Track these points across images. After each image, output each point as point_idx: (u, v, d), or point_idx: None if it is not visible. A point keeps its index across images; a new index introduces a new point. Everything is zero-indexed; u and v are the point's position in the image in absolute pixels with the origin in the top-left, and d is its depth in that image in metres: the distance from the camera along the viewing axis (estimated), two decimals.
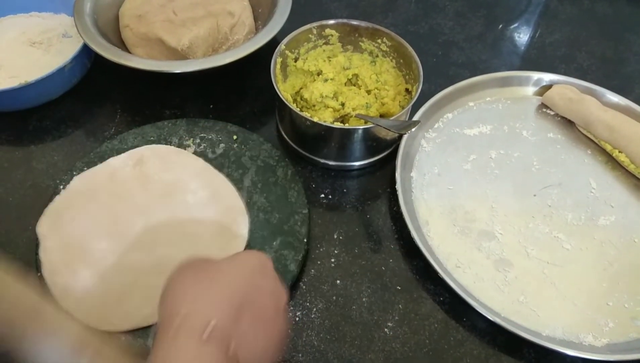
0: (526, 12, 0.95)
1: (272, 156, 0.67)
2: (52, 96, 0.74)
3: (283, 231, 0.60)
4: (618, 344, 0.55)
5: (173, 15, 0.76)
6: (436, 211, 0.65)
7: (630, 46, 0.89)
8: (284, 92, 0.69)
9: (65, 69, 0.71)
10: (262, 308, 0.41)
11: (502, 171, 0.69)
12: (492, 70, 0.79)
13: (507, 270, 0.60)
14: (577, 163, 0.70)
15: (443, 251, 0.61)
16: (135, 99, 0.77)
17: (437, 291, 0.59)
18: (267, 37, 0.72)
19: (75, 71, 0.75)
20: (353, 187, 0.68)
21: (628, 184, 0.69)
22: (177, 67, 0.70)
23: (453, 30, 0.90)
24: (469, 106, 0.76)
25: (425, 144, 0.71)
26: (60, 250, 0.58)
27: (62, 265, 0.57)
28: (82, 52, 0.73)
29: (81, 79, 0.77)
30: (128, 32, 0.77)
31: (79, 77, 0.76)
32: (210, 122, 0.70)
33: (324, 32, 0.73)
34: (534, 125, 0.74)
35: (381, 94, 0.71)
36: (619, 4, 0.96)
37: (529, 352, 0.55)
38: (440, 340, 0.56)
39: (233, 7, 0.78)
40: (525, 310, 0.57)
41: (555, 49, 0.88)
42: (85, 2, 0.76)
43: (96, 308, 0.54)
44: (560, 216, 0.65)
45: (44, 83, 0.69)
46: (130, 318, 0.54)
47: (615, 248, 0.63)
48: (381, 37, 0.72)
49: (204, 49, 0.76)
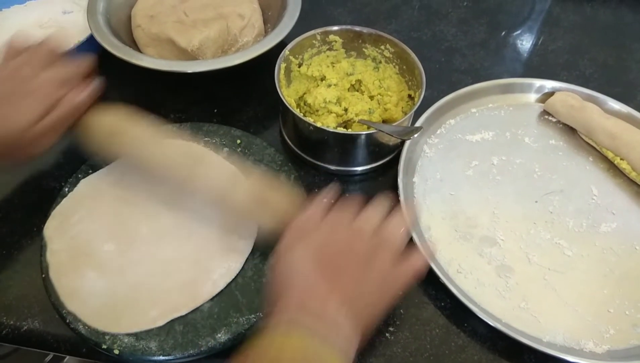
0: (529, 20, 0.96)
1: (275, 160, 0.68)
2: None
3: None
4: (619, 351, 0.55)
5: (184, 17, 0.77)
6: (438, 217, 0.65)
7: (633, 54, 0.89)
8: (288, 97, 0.69)
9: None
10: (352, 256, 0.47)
11: (504, 177, 0.69)
12: (494, 77, 0.79)
13: (508, 275, 0.60)
14: (578, 170, 0.71)
15: (444, 256, 0.61)
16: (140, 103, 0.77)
17: (438, 296, 0.59)
18: (276, 39, 0.73)
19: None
20: (355, 192, 0.69)
21: (629, 191, 0.69)
22: (188, 67, 0.70)
23: (456, 37, 0.90)
24: (472, 113, 0.76)
25: (428, 149, 0.72)
26: (67, 252, 0.58)
27: (69, 267, 0.57)
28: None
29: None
30: (140, 32, 0.78)
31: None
32: (214, 126, 0.71)
33: (327, 38, 0.74)
34: (536, 132, 0.75)
35: (384, 99, 0.71)
36: (621, 12, 0.97)
37: (530, 358, 0.55)
38: (441, 345, 0.56)
39: (243, 10, 0.79)
40: (526, 316, 0.57)
41: (558, 56, 0.88)
42: (98, 2, 0.77)
43: (103, 310, 0.54)
44: (561, 222, 0.65)
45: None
46: (137, 320, 0.54)
47: (616, 255, 0.63)
48: (384, 43, 0.73)
49: (214, 50, 0.77)
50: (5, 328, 0.56)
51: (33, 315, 0.56)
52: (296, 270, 0.46)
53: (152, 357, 0.52)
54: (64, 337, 0.55)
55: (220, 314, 0.54)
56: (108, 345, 0.52)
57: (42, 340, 0.56)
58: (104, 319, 0.53)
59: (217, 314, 0.54)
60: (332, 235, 0.48)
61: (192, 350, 0.52)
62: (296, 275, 0.46)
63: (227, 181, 0.59)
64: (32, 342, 0.56)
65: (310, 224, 0.50)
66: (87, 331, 0.53)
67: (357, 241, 0.48)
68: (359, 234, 0.49)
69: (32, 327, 0.56)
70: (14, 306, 0.57)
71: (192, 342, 0.52)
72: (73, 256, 0.58)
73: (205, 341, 0.53)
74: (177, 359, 0.52)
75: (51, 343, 0.56)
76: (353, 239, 0.48)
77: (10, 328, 0.56)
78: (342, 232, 0.49)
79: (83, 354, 0.55)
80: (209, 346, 0.52)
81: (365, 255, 0.47)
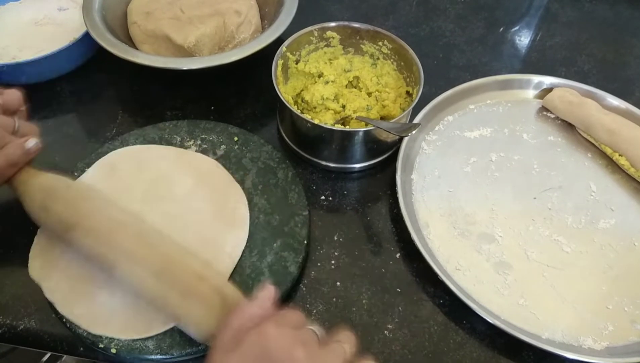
0: (527, 15, 0.95)
1: (272, 157, 0.67)
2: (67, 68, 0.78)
3: (283, 233, 0.61)
4: (617, 347, 0.55)
5: (180, 13, 0.77)
6: (436, 214, 0.65)
7: (631, 49, 0.89)
8: (285, 94, 0.69)
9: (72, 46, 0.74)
10: None
11: (503, 173, 0.69)
12: (492, 73, 0.79)
13: (506, 272, 0.60)
14: (577, 166, 0.71)
15: (443, 253, 0.61)
16: (137, 100, 0.77)
17: (437, 293, 0.59)
18: (273, 36, 0.73)
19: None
20: (353, 189, 0.68)
21: (628, 187, 0.69)
22: (184, 64, 0.70)
23: (454, 33, 0.90)
24: (470, 109, 0.76)
25: (426, 146, 0.71)
26: (65, 283, 0.55)
27: (76, 295, 0.54)
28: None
29: (84, 65, 0.79)
30: (136, 29, 0.77)
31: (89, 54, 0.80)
32: (211, 123, 0.70)
33: (325, 34, 0.73)
34: (535, 128, 0.75)
35: (382, 96, 0.71)
36: (619, 7, 0.97)
37: (529, 354, 0.55)
38: (439, 343, 0.56)
39: (240, 6, 0.78)
40: (525, 313, 0.57)
41: (556, 52, 0.88)
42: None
43: (122, 322, 0.53)
44: (560, 219, 0.65)
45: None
46: (152, 324, 0.53)
47: (615, 251, 0.63)
48: (382, 39, 0.72)
49: (210, 47, 0.76)
50: (2, 327, 0.56)
51: (29, 314, 0.56)
52: None
53: (149, 355, 0.51)
54: (61, 336, 0.55)
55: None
56: (105, 344, 0.52)
57: (39, 339, 0.55)
58: (125, 329, 0.52)
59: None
60: (274, 340, 0.40)
61: (190, 348, 0.52)
62: None
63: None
64: (28, 341, 0.55)
65: (250, 324, 0.42)
66: (83, 330, 0.52)
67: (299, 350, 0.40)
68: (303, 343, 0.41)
69: (29, 326, 0.56)
70: (10, 306, 0.57)
71: (190, 340, 0.52)
72: (74, 284, 0.55)
73: None
74: (175, 358, 0.52)
75: (48, 342, 0.55)
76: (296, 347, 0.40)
77: (7, 328, 0.56)
78: (286, 338, 0.41)
79: (80, 353, 0.55)
80: (207, 345, 0.52)
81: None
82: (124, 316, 0.53)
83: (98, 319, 0.53)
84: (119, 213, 0.53)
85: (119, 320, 0.53)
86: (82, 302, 0.54)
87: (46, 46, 0.74)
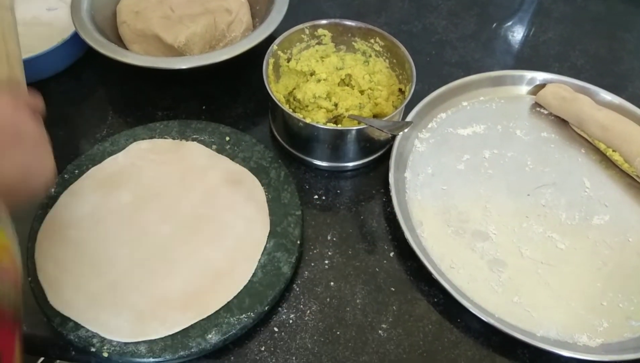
0: (520, 11, 0.95)
1: (265, 157, 0.67)
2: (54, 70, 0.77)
3: (276, 233, 0.60)
4: (612, 344, 0.55)
5: (170, 12, 0.76)
6: (430, 212, 0.64)
7: (624, 44, 0.89)
8: (277, 93, 0.68)
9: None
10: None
11: (496, 170, 0.69)
12: (485, 69, 0.79)
13: (501, 270, 0.60)
14: (571, 162, 0.70)
15: (437, 251, 0.61)
16: (127, 101, 0.77)
17: (431, 292, 0.59)
18: (264, 34, 0.72)
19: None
20: (347, 188, 0.68)
21: (622, 183, 0.68)
22: (174, 63, 0.69)
23: (446, 30, 0.90)
24: (463, 106, 0.75)
25: (419, 144, 0.71)
26: (84, 299, 0.55)
27: (96, 313, 0.54)
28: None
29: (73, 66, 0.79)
30: (125, 29, 0.76)
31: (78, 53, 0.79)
32: (202, 123, 0.70)
33: (316, 32, 0.73)
34: (528, 124, 0.74)
35: (374, 94, 0.71)
36: (612, 2, 0.96)
37: (524, 352, 0.55)
38: (434, 342, 0.56)
39: (230, 4, 0.78)
40: (520, 311, 0.57)
41: (549, 48, 0.88)
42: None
43: (115, 323, 0.53)
44: (554, 215, 0.65)
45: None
46: (146, 329, 0.53)
47: (609, 247, 0.62)
48: (374, 37, 0.72)
49: (201, 46, 0.76)
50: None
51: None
52: None
53: (141, 359, 0.51)
54: (52, 341, 0.54)
55: (210, 315, 0.54)
56: (97, 348, 0.51)
57: (30, 344, 0.55)
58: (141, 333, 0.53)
59: (208, 315, 0.54)
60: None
61: (182, 351, 0.51)
62: None
63: None
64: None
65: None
66: (75, 334, 0.52)
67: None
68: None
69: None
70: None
71: (182, 343, 0.52)
72: (91, 303, 0.55)
73: (196, 342, 0.52)
74: (167, 361, 0.51)
75: (39, 347, 0.55)
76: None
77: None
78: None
79: (73, 357, 0.54)
80: (199, 347, 0.52)
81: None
82: (118, 318, 0.53)
83: (121, 331, 0.53)
84: None
85: (112, 321, 0.53)
86: (104, 319, 0.53)
87: (35, 46, 0.73)
